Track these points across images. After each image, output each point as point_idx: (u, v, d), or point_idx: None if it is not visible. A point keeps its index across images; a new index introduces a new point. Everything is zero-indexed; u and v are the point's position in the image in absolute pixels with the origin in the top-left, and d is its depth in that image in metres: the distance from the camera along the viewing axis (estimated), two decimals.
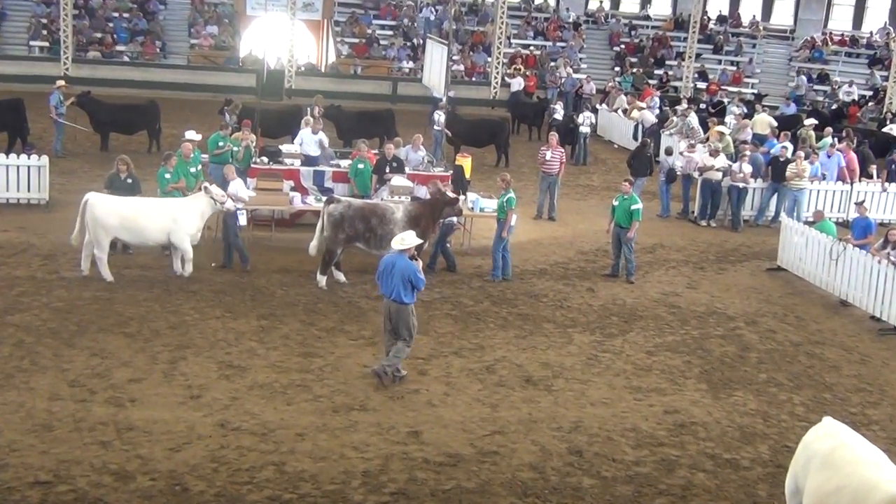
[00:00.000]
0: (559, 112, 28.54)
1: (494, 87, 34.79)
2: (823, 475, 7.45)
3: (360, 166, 17.09)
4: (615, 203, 16.09)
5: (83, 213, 13.74)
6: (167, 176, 15.26)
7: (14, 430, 9.49)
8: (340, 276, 14.75)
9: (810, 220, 18.12)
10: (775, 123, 26.44)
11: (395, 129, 23.98)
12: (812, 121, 27.24)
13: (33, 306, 12.80)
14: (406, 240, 11.19)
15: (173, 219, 14.06)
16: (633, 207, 15.78)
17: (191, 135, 17.08)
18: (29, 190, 17.75)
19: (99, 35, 34.28)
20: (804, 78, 37.86)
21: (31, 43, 33.59)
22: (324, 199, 15.80)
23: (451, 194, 15.32)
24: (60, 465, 8.95)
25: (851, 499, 7.11)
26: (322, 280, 14.39)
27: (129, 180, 15.22)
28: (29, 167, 17.80)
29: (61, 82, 23.07)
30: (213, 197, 14.30)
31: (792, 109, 32.00)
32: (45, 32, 33.62)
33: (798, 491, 7.83)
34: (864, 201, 17.69)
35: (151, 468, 9.00)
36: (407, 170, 17.87)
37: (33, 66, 32.01)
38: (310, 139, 19.03)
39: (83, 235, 13.86)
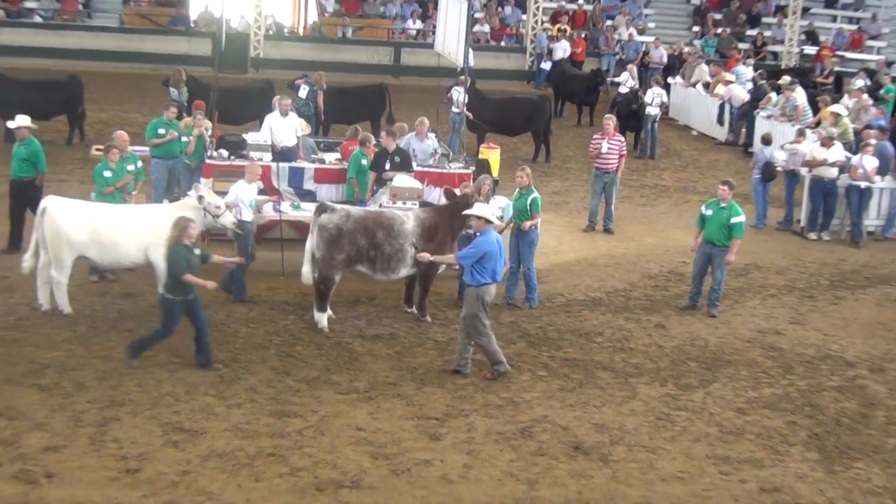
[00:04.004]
0: (629, 83, 28.55)
1: (531, 55, 34.87)
2: None
3: (364, 162, 17.25)
4: (707, 213, 15.97)
5: (40, 226, 14.02)
6: (107, 174, 15.46)
7: None
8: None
9: None
10: None
11: (387, 111, 24.36)
12: None
13: None
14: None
15: (151, 229, 14.19)
16: (733, 220, 15.70)
17: (21, 121, 16.87)
18: None
19: None
20: None
21: None
22: (303, 206, 15.98)
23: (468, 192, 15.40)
24: None
25: None
26: (323, 319, 14.39)
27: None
28: None
29: None
30: (206, 206, 14.41)
31: None
32: None
33: None
34: None
35: None
36: (413, 165, 17.99)
37: None
38: (281, 125, 19.12)
39: (38, 257, 14.12)
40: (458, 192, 15.39)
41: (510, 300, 15.82)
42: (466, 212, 14.10)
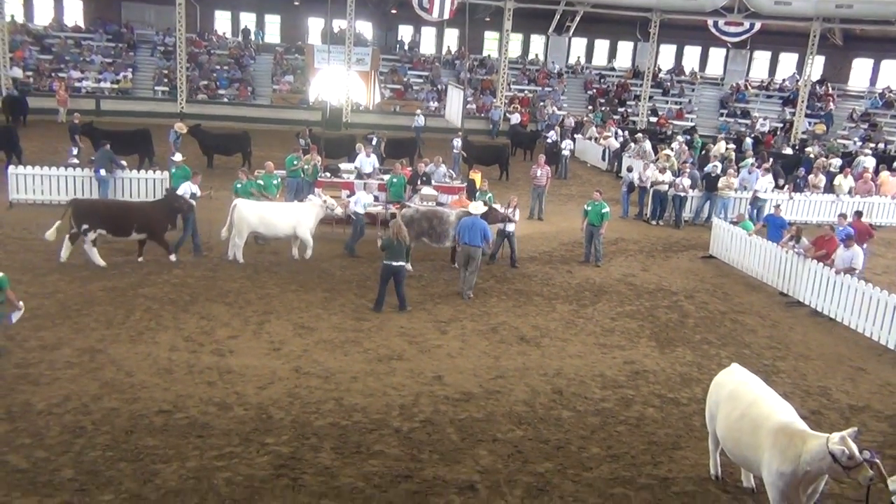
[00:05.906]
0: (553, 137, 28.38)
1: (499, 121, 34.62)
2: (730, 406, 7.54)
3: (395, 180, 17.07)
4: (588, 207, 15.84)
5: (232, 214, 14.04)
6: (239, 186, 15.30)
7: (144, 373, 9.61)
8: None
9: (734, 220, 17.85)
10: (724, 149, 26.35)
11: (418, 152, 24.08)
12: (731, 145, 27.29)
13: (158, 282, 12.90)
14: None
15: (297, 217, 14.34)
16: (603, 211, 15.60)
17: (177, 157, 16.90)
18: (154, 196, 17.79)
19: (205, 82, 34.44)
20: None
21: (156, 88, 33.82)
22: (374, 204, 15.90)
23: (500, 210, 14.92)
24: (178, 398, 9.05)
25: (751, 425, 7.18)
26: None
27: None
28: (154, 179, 17.94)
29: (180, 124, 22.56)
30: (326, 204, 14.78)
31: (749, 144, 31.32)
32: (165, 80, 33.84)
33: (713, 417, 7.93)
34: (780, 205, 17.54)
35: (245, 401, 9.07)
36: (433, 182, 17.88)
37: (157, 105, 32.25)
38: (364, 161, 19.18)
39: (230, 230, 14.13)
40: (483, 204, 14.90)
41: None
42: (462, 208, 13.88)
